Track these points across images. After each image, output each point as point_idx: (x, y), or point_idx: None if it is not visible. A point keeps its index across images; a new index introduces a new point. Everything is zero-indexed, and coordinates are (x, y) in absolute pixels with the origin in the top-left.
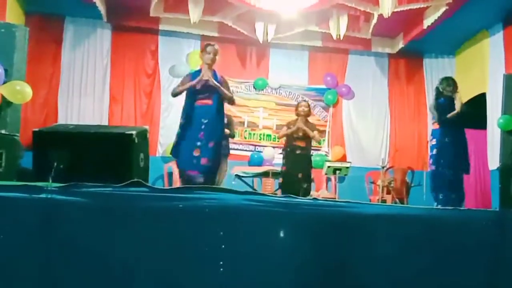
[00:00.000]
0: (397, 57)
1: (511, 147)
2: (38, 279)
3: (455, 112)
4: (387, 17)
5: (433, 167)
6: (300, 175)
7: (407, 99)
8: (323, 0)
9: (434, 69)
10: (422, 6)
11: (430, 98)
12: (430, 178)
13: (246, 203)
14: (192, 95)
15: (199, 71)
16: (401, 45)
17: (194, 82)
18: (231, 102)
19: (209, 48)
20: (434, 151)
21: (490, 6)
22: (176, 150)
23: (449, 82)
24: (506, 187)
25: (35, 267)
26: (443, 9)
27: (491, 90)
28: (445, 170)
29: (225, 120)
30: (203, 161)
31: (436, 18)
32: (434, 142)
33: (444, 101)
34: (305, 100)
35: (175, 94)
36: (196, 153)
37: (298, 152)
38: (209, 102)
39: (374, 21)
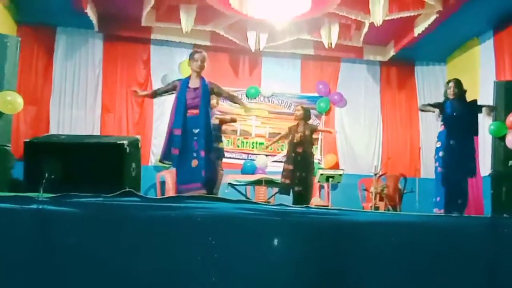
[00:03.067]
0: (389, 65)
1: (502, 153)
2: None
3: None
4: (378, 25)
5: (439, 169)
6: (297, 176)
7: (399, 106)
8: (314, 8)
9: (425, 77)
10: (412, 14)
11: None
12: (435, 181)
13: (238, 212)
14: (182, 105)
15: (188, 78)
16: (392, 53)
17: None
18: (233, 100)
19: (197, 56)
20: (440, 154)
21: (480, 14)
22: (171, 158)
23: (448, 85)
24: (498, 193)
25: (27, 277)
26: (434, 17)
27: (482, 97)
28: (450, 173)
29: (217, 121)
30: (203, 172)
31: (426, 26)
32: (439, 144)
33: (447, 103)
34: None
35: (154, 94)
36: (194, 164)
37: (296, 156)
38: (195, 112)
39: (366, 29)
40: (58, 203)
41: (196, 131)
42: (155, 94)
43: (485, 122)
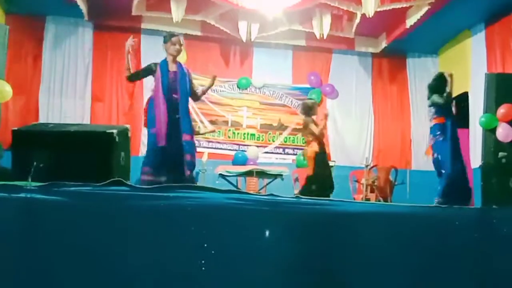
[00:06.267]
0: (381, 57)
1: (492, 145)
2: (17, 278)
3: None
4: (370, 16)
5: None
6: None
7: (390, 98)
8: None
9: (417, 69)
10: (404, 5)
11: (413, 97)
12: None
13: (228, 202)
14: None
15: (166, 61)
16: (384, 44)
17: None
18: (195, 98)
19: (174, 39)
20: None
21: (472, 6)
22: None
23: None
24: (488, 185)
25: (15, 266)
26: (426, 8)
27: (473, 89)
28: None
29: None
30: (188, 156)
31: (418, 17)
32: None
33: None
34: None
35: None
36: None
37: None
38: (176, 96)
39: (357, 20)
40: (46, 192)
41: (178, 116)
42: (131, 78)
43: (476, 115)
